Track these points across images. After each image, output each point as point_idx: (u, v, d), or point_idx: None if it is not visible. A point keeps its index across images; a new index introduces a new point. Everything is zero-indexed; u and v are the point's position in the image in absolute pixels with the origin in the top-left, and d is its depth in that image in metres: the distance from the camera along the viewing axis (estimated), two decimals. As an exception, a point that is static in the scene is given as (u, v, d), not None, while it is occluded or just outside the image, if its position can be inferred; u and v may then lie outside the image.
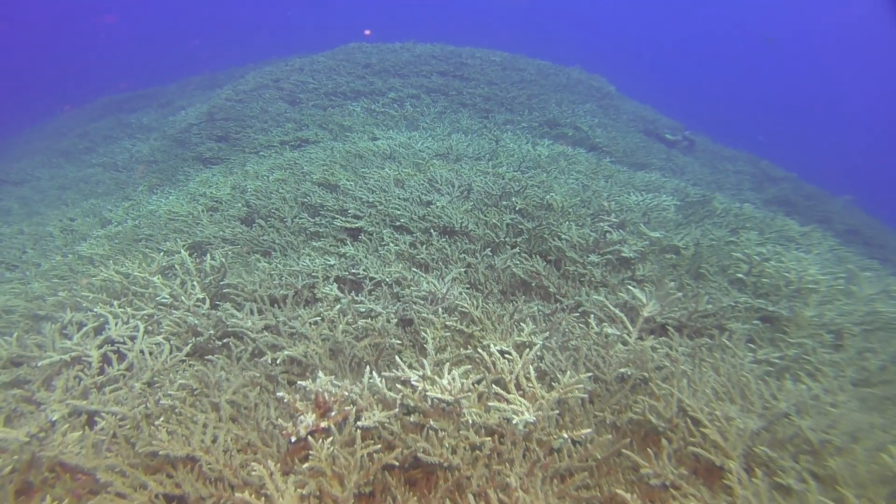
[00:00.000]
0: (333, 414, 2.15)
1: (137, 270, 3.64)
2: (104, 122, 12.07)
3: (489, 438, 2.14)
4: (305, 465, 2.02)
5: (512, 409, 2.11)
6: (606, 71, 12.78)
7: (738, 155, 11.86)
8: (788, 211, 8.71)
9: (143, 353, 2.82)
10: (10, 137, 14.16)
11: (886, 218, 11.83)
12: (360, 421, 2.13)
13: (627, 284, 3.60)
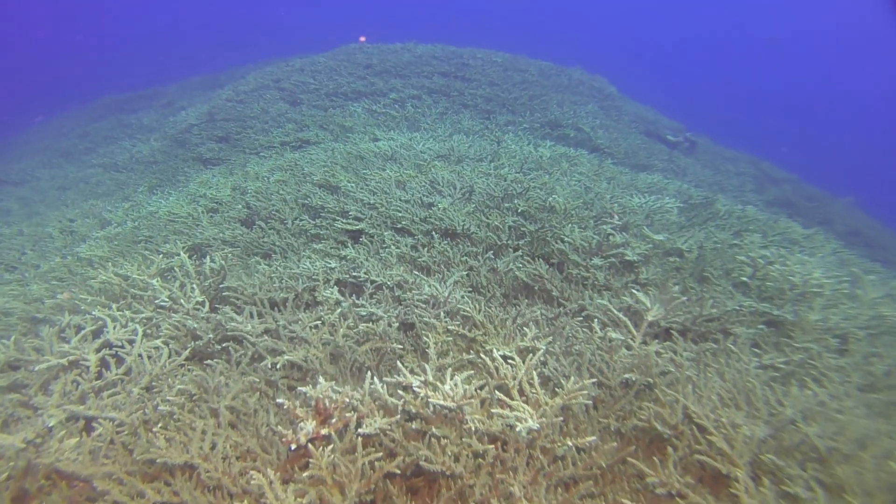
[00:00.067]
0: (334, 421, 2.12)
1: (136, 273, 3.61)
2: (104, 122, 12.05)
3: (492, 446, 2.11)
4: (305, 473, 1.99)
5: (515, 415, 2.08)
6: (607, 71, 12.78)
7: (739, 156, 11.86)
8: (790, 212, 8.68)
9: (141, 357, 2.79)
10: (10, 137, 14.12)
11: (887, 218, 11.82)
12: (361, 428, 2.09)
13: (631, 288, 3.57)
